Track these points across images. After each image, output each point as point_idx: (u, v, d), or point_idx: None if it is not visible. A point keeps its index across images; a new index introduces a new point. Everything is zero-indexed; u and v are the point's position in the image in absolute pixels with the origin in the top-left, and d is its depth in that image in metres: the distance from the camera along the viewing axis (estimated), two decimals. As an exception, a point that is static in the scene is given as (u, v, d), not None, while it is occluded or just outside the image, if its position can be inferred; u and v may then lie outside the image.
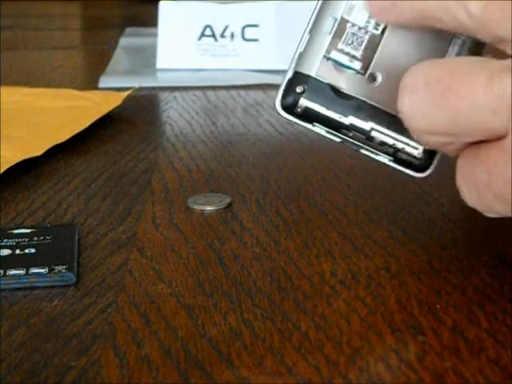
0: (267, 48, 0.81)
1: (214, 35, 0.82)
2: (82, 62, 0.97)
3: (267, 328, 0.31)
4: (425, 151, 0.34)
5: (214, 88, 0.74)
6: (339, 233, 0.40)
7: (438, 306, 0.32)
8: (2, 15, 1.23)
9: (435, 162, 0.34)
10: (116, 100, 0.64)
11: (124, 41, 0.99)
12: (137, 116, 0.65)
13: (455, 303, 0.33)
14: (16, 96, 0.67)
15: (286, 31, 0.80)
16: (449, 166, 0.50)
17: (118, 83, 0.74)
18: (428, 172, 0.35)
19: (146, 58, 0.86)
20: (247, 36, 0.82)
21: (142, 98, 0.70)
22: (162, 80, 0.78)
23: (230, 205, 0.44)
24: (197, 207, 0.44)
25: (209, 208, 0.43)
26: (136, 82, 0.72)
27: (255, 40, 0.82)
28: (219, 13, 0.82)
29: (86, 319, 0.32)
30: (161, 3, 0.82)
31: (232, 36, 0.82)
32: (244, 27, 0.82)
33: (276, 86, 0.35)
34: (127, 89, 0.68)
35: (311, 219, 0.42)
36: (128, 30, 1.07)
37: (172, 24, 0.81)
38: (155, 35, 0.82)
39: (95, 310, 0.33)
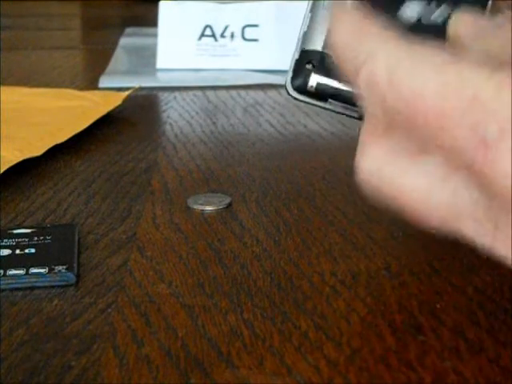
0: (267, 48, 0.81)
1: (214, 35, 0.82)
2: (82, 62, 0.97)
3: (267, 328, 0.31)
4: None
5: (214, 88, 0.74)
6: (339, 233, 0.40)
7: (438, 305, 0.32)
8: (1, 15, 1.23)
9: None
10: (116, 100, 0.64)
11: (124, 41, 0.99)
12: (137, 116, 0.65)
13: (455, 303, 0.33)
14: (16, 96, 0.67)
15: (286, 31, 0.80)
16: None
17: (117, 83, 0.74)
18: None
19: (145, 58, 0.86)
20: (247, 36, 0.82)
21: (142, 97, 0.70)
22: (162, 80, 0.78)
23: (230, 205, 0.44)
24: (197, 207, 0.44)
25: (209, 208, 0.43)
26: (136, 82, 0.72)
27: (255, 40, 0.82)
28: (219, 13, 0.82)
29: (85, 319, 0.32)
30: (161, 3, 0.82)
31: (232, 36, 0.82)
32: (244, 27, 0.82)
33: (276, 86, 0.35)
34: (127, 89, 0.68)
35: (311, 219, 0.42)
36: (128, 30, 1.07)
37: (172, 24, 0.81)
38: (155, 35, 0.82)
39: (95, 310, 0.33)
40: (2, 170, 0.47)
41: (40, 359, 0.29)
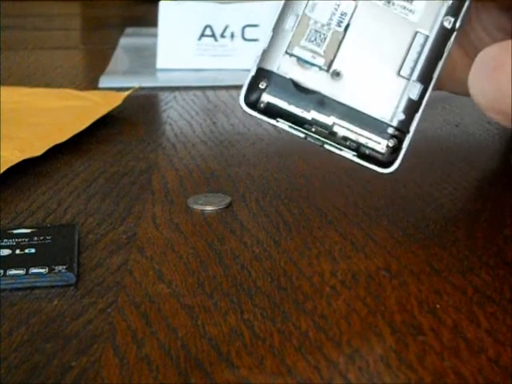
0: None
1: (214, 35, 0.82)
2: (82, 62, 0.97)
3: (267, 328, 0.31)
4: (388, 146, 0.34)
5: (214, 88, 0.74)
6: (339, 233, 0.40)
7: (438, 306, 0.32)
8: (1, 15, 1.23)
9: (400, 157, 0.34)
10: (116, 100, 0.64)
11: (124, 41, 0.99)
12: (137, 116, 0.65)
13: (455, 303, 0.33)
14: (16, 96, 0.67)
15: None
16: (446, 166, 0.50)
17: (118, 83, 0.74)
18: (393, 168, 0.34)
19: (145, 58, 0.86)
20: (247, 36, 0.82)
21: (142, 97, 0.70)
22: (162, 80, 0.78)
23: (230, 205, 0.44)
24: (197, 207, 0.44)
25: (209, 208, 0.43)
26: (136, 82, 0.72)
27: (255, 40, 0.82)
28: (219, 13, 0.82)
29: (85, 319, 0.32)
30: (161, 3, 0.82)
31: (232, 36, 0.82)
32: (244, 27, 0.82)
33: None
34: (127, 89, 0.68)
35: (311, 219, 0.42)
36: (128, 30, 1.07)
37: (172, 24, 0.81)
38: (155, 35, 0.82)
39: (95, 310, 0.33)
40: (2, 170, 0.47)
41: (40, 359, 0.29)
